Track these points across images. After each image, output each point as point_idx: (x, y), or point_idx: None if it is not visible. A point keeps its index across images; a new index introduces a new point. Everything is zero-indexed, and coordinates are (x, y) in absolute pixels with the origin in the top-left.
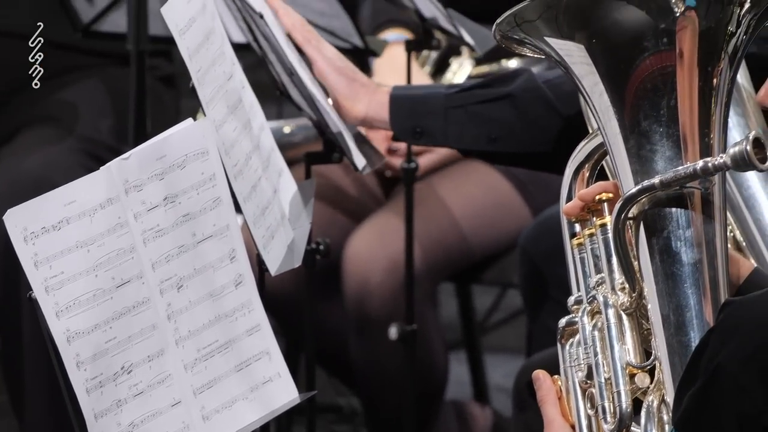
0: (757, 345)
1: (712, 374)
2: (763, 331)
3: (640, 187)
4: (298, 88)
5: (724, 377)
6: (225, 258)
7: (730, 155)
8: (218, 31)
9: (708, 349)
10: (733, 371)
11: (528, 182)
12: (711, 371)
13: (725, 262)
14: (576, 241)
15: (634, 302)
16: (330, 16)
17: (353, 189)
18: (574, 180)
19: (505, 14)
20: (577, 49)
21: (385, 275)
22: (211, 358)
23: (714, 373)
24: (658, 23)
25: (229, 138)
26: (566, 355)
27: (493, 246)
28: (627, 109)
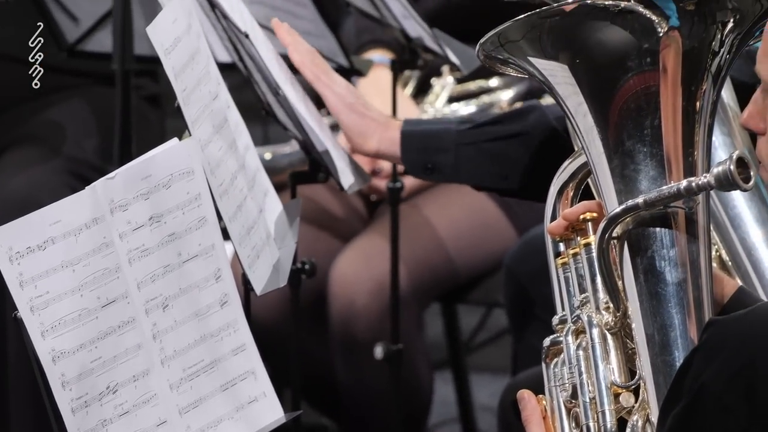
0: (741, 364)
1: (697, 394)
2: (746, 350)
3: (624, 206)
4: (283, 107)
5: (709, 397)
6: (210, 277)
7: (714, 175)
8: (204, 50)
9: (692, 369)
10: (717, 391)
11: (513, 202)
12: (695, 391)
13: (709, 282)
14: (560, 261)
15: (618, 322)
16: (316, 36)
17: (338, 209)
18: (558, 199)
19: (488, 34)
20: (561, 69)
21: (371, 297)
22: (196, 377)
23: (698, 392)
24: (641, 43)
25: (214, 158)
26: (551, 374)
27: (478, 266)
28: (611, 128)
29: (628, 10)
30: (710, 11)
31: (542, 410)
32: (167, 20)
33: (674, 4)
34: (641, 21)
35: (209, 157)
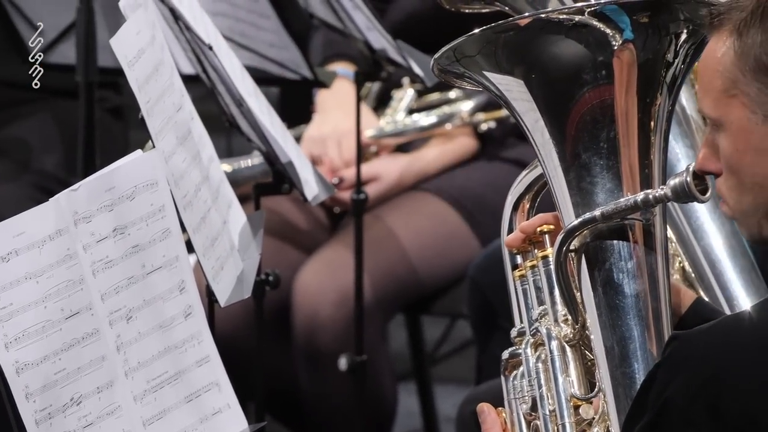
0: (705, 380)
1: (661, 408)
2: (710, 365)
3: (582, 219)
4: (247, 119)
5: (673, 411)
6: (174, 289)
7: (671, 187)
8: (167, 62)
9: (655, 384)
10: (681, 405)
11: (476, 213)
12: (659, 406)
13: (668, 293)
14: (518, 273)
15: (577, 334)
16: (279, 47)
17: (302, 221)
18: (514, 212)
19: (443, 48)
20: (517, 84)
21: (335, 308)
22: (160, 389)
23: (662, 407)
24: (596, 56)
25: (178, 169)
26: (510, 387)
27: (442, 277)
28: (567, 141)
29: (583, 24)
30: (663, 23)
31: (502, 423)
32: (131, 32)
33: (628, 17)
34: (595, 34)
35: (173, 169)
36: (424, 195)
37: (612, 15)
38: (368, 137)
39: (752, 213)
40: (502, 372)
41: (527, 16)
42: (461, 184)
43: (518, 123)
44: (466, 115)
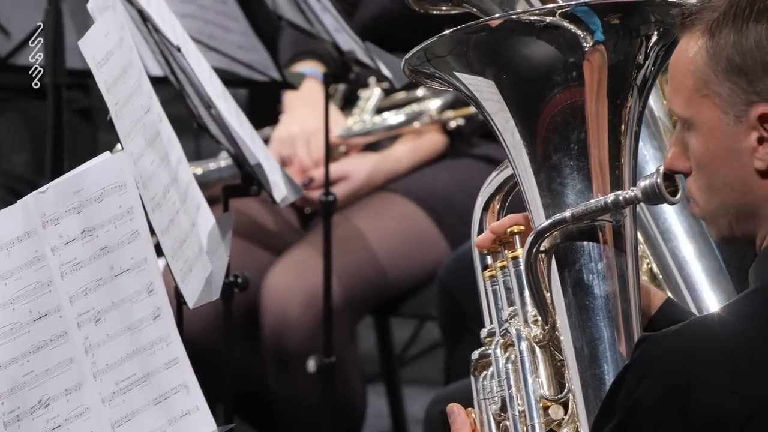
0: (675, 382)
1: (630, 410)
2: (680, 367)
3: (552, 220)
4: (216, 121)
5: (642, 413)
6: (143, 291)
7: (641, 188)
8: (136, 64)
9: (624, 385)
10: (650, 407)
11: (445, 214)
12: (629, 407)
13: (637, 294)
14: (488, 274)
15: (547, 335)
16: (248, 49)
17: (271, 222)
18: (484, 212)
19: (414, 49)
20: (487, 85)
21: (304, 310)
22: (129, 391)
23: (632, 408)
24: (567, 58)
25: (146, 171)
26: (480, 387)
27: (411, 278)
28: (537, 143)
29: (554, 26)
30: (634, 25)
31: (471, 423)
32: (99, 34)
33: (599, 18)
34: (566, 36)
35: (141, 171)
36: (393, 196)
37: (583, 16)
38: (336, 137)
39: (722, 213)
40: (472, 372)
41: (498, 17)
42: (430, 186)
43: (489, 124)
44: (434, 113)
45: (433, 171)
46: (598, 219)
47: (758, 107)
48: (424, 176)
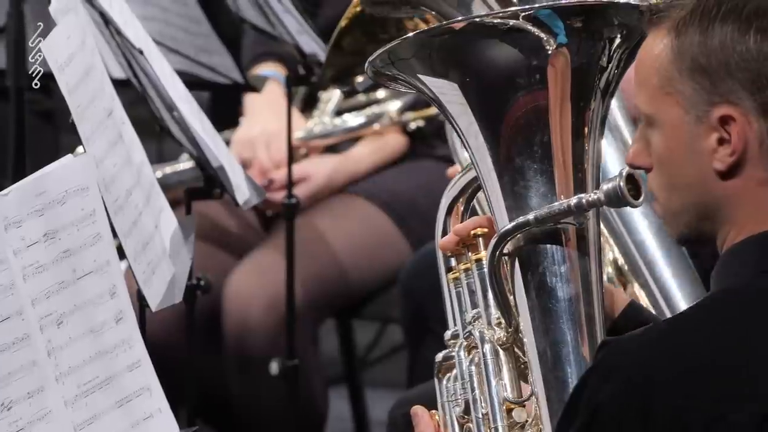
0: (636, 385)
1: (592, 414)
2: (641, 372)
3: (515, 223)
4: (178, 123)
5: (604, 417)
6: (105, 294)
7: (604, 191)
8: (98, 67)
9: (586, 389)
10: (612, 411)
11: (406, 216)
12: (591, 411)
13: (601, 297)
14: (452, 276)
15: (510, 337)
16: (211, 52)
17: (233, 225)
18: (448, 215)
19: (378, 51)
20: (451, 88)
21: (266, 312)
22: (91, 394)
23: (594, 412)
24: (530, 61)
25: (109, 174)
26: (443, 389)
27: (373, 281)
28: (501, 145)
29: (517, 29)
30: (597, 28)
31: (435, 426)
32: (61, 36)
33: (562, 21)
34: (530, 39)
35: (104, 174)
36: (355, 199)
37: (546, 19)
38: (297, 139)
39: (682, 213)
40: (436, 375)
41: (462, 20)
42: (392, 188)
43: (452, 126)
44: (394, 115)
45: (394, 173)
46: (561, 222)
47: (720, 108)
48: (386, 178)
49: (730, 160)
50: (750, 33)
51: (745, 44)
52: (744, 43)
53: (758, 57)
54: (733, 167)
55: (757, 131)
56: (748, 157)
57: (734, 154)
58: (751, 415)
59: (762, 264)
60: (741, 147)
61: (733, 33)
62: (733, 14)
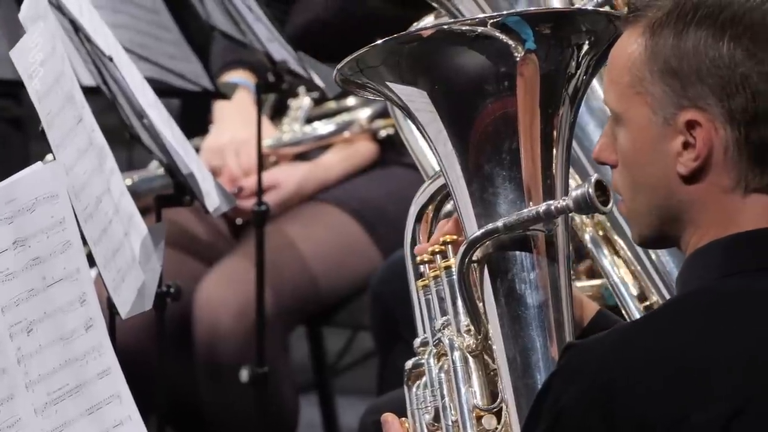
0: (599, 387)
1: (556, 417)
2: (603, 373)
3: (484, 230)
4: (148, 131)
5: (567, 420)
6: (75, 301)
7: (573, 198)
8: (68, 74)
9: (551, 392)
10: (576, 415)
11: (376, 224)
12: (555, 414)
13: (570, 303)
14: (421, 283)
15: (479, 344)
16: (180, 59)
17: (203, 232)
18: (417, 222)
19: (347, 59)
20: (420, 95)
21: (236, 320)
22: (61, 401)
23: (558, 416)
24: (499, 67)
25: (79, 181)
26: (413, 397)
27: (343, 288)
28: (470, 153)
29: (485, 35)
30: (565, 34)
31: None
32: (31, 44)
33: (530, 28)
34: (498, 45)
35: (74, 181)
36: (325, 206)
37: (514, 26)
38: (267, 146)
39: (645, 214)
40: (405, 382)
41: (430, 26)
42: (362, 195)
43: (421, 134)
44: (364, 122)
45: (365, 180)
46: (530, 229)
47: (687, 113)
48: (356, 186)
49: (693, 164)
50: (723, 40)
51: (717, 50)
52: (717, 49)
53: (730, 64)
54: (697, 172)
55: (723, 138)
56: (712, 163)
57: (698, 159)
58: (716, 416)
59: (726, 267)
60: (705, 152)
61: (707, 38)
62: (708, 20)
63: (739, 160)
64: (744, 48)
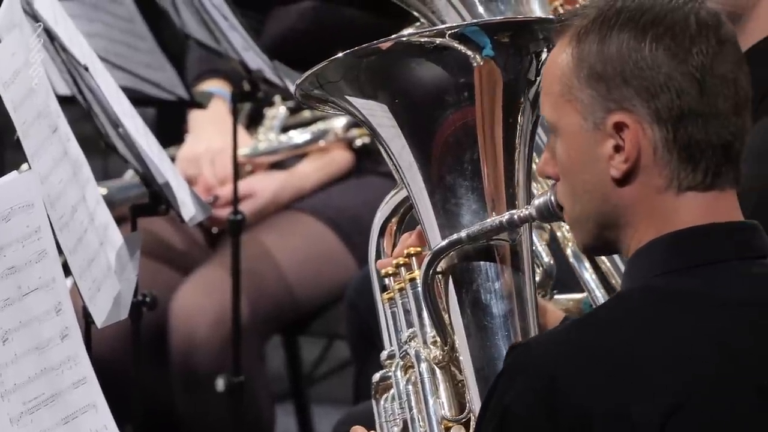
0: (542, 385)
1: (502, 416)
2: (546, 370)
3: (448, 241)
4: (124, 140)
5: (514, 418)
6: (51, 311)
7: (536, 207)
8: (43, 83)
9: (496, 392)
10: (521, 412)
11: (352, 233)
12: (501, 414)
13: (535, 311)
14: (386, 296)
15: (446, 355)
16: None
17: (179, 241)
18: (381, 235)
19: (306, 74)
20: (380, 109)
21: (212, 329)
22: (37, 411)
23: (504, 414)
24: (458, 78)
25: (54, 190)
26: (381, 410)
27: (319, 297)
28: (432, 164)
29: (444, 46)
30: (524, 43)
31: None
32: (6, 53)
33: (488, 38)
34: (457, 56)
35: (49, 190)
36: (301, 215)
37: (473, 36)
38: (243, 155)
39: (584, 220)
40: (373, 395)
41: (389, 39)
42: (337, 205)
43: (382, 147)
44: (340, 131)
45: (340, 189)
46: (494, 238)
47: (614, 115)
48: (331, 195)
49: (624, 167)
50: (646, 41)
51: (640, 52)
52: (639, 51)
53: (653, 65)
54: (629, 174)
55: (651, 138)
56: (642, 165)
57: (628, 161)
58: (655, 410)
59: (669, 264)
60: (635, 154)
61: (630, 41)
62: (630, 23)
63: (669, 160)
64: (666, 48)
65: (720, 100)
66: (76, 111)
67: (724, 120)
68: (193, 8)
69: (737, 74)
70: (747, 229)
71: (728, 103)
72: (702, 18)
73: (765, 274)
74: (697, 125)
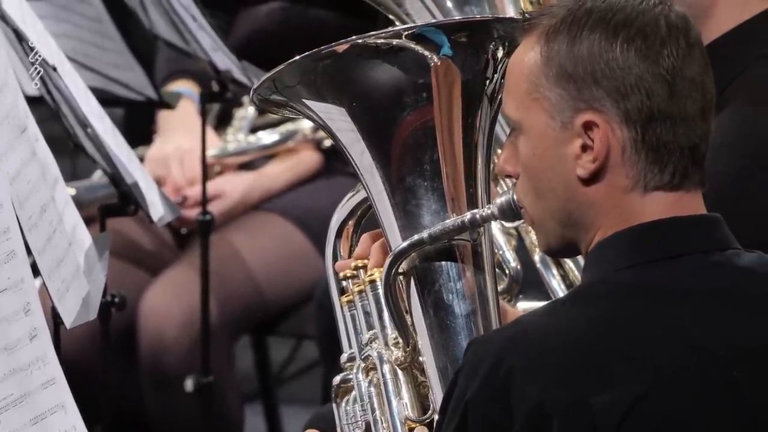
0: (498, 377)
1: (463, 412)
2: (502, 363)
3: (409, 242)
4: (92, 140)
5: (474, 414)
6: (20, 311)
7: (497, 205)
8: (11, 84)
9: (456, 389)
10: (480, 406)
11: (321, 233)
12: (461, 410)
13: (497, 310)
14: (345, 299)
15: (408, 356)
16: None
17: (148, 242)
18: (338, 237)
19: (262, 78)
20: (338, 112)
21: (181, 330)
22: (5, 411)
23: (464, 411)
24: (416, 79)
25: (23, 191)
26: (342, 413)
27: (288, 297)
28: (391, 165)
29: (400, 47)
30: (480, 42)
31: None
32: None
33: (446, 37)
34: (414, 56)
35: (18, 191)
36: (270, 216)
37: (430, 35)
38: (211, 156)
39: (548, 219)
40: (333, 399)
41: (345, 42)
42: (306, 205)
43: (341, 150)
44: (308, 132)
45: (309, 190)
46: (455, 238)
47: (584, 115)
48: (300, 195)
49: (592, 166)
50: (617, 42)
51: (611, 53)
52: (610, 51)
53: (623, 66)
54: (596, 174)
55: (620, 138)
56: (610, 165)
57: (596, 160)
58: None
59: (630, 258)
60: (603, 154)
61: (600, 41)
62: (601, 23)
63: (637, 160)
64: (637, 49)
65: (689, 103)
66: (44, 111)
67: (691, 123)
68: (162, 9)
69: (704, 78)
70: (709, 221)
71: (696, 106)
72: (672, 21)
73: (728, 265)
74: (666, 127)
